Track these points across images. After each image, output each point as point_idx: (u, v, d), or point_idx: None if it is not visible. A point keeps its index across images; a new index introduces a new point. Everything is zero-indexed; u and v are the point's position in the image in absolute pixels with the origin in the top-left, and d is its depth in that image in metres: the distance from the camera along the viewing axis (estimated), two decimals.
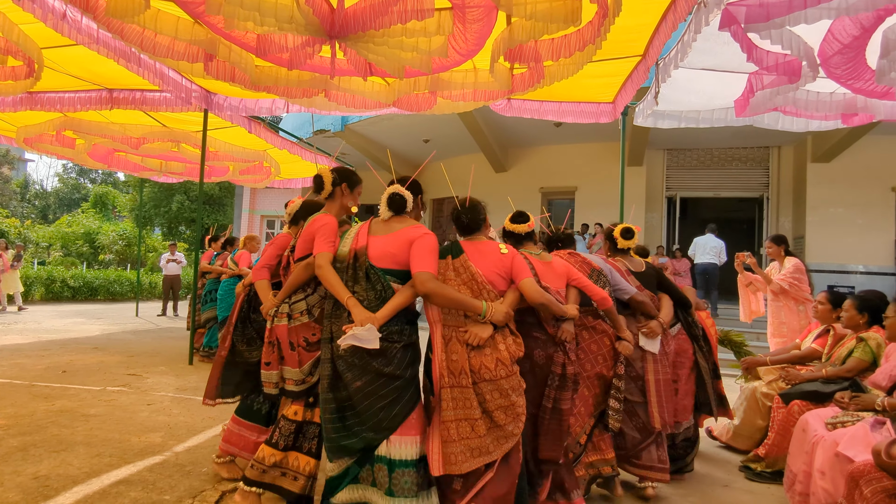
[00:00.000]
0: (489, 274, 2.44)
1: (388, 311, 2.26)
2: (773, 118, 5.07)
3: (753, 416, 3.90)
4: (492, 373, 2.27)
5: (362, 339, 2.18)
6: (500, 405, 2.26)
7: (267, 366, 2.60)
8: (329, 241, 2.44)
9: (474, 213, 2.68)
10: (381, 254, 2.35)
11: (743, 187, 12.25)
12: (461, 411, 2.24)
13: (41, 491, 2.77)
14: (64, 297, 14.37)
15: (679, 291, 3.43)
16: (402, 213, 2.50)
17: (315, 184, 2.72)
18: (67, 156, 8.38)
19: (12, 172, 33.16)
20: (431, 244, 2.33)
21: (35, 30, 4.21)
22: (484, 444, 2.23)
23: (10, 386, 4.91)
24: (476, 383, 2.26)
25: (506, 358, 2.30)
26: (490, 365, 2.27)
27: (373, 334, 2.19)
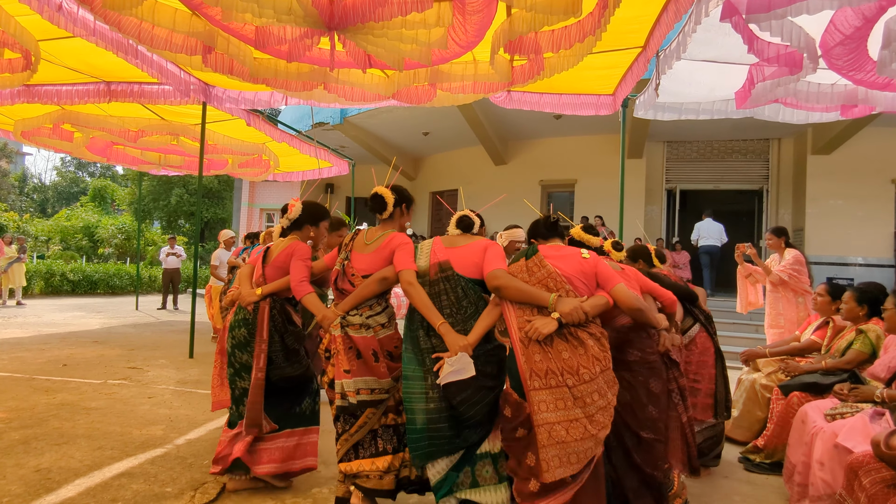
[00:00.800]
0: (569, 276, 2.29)
1: (477, 334, 2.32)
2: (773, 110, 5.05)
3: (753, 408, 3.92)
4: (590, 372, 2.11)
5: (458, 370, 2.24)
6: (600, 406, 2.12)
7: (347, 373, 2.52)
8: (412, 259, 2.52)
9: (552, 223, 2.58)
10: (463, 263, 2.47)
11: (743, 179, 12.24)
12: (552, 414, 2.08)
13: (43, 483, 2.78)
14: (63, 290, 14.37)
15: (681, 287, 3.31)
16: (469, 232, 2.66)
17: (375, 204, 2.72)
18: (65, 149, 8.34)
19: (10, 166, 33.07)
20: (500, 251, 2.47)
21: (31, 22, 4.18)
22: (579, 448, 2.07)
23: (11, 379, 4.92)
24: (574, 386, 2.10)
25: (598, 353, 2.17)
26: (587, 364, 2.12)
27: (466, 362, 2.24)
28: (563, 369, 2.11)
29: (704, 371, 3.28)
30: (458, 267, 2.45)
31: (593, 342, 2.17)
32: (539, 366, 2.12)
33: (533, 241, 2.58)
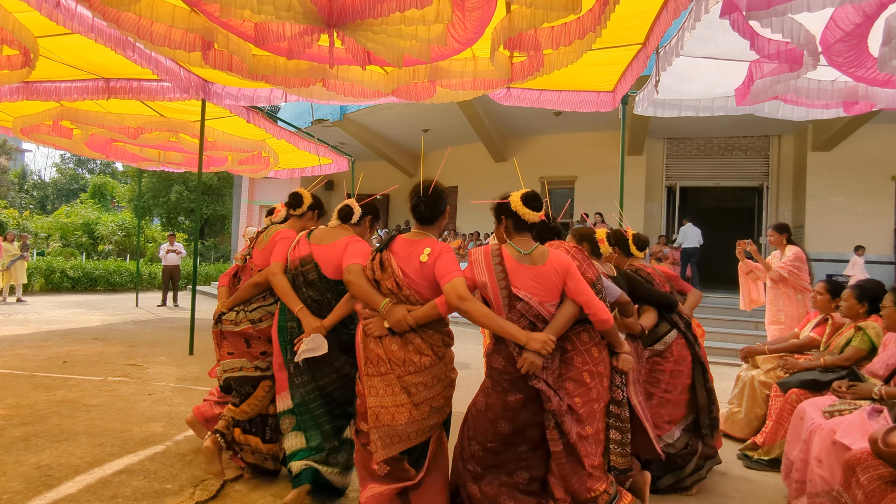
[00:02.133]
0: (410, 277, 2.33)
1: (332, 319, 2.65)
2: (773, 107, 5.04)
3: (751, 405, 3.93)
4: (416, 365, 2.30)
5: (312, 349, 2.57)
6: (426, 397, 2.32)
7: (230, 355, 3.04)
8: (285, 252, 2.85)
9: (435, 202, 2.50)
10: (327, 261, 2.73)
11: (743, 176, 12.24)
12: (381, 399, 2.29)
13: (43, 480, 2.79)
14: (64, 287, 14.38)
15: (658, 293, 3.10)
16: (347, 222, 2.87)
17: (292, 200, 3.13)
18: (65, 146, 8.33)
19: (10, 163, 33.03)
20: (363, 247, 2.65)
21: (30, 18, 4.16)
22: (403, 432, 2.28)
23: (12, 376, 4.93)
24: (401, 376, 2.29)
25: (424, 349, 2.32)
26: (413, 358, 2.31)
27: (319, 342, 2.59)
28: (392, 360, 2.31)
29: (678, 381, 3.08)
30: (321, 263, 2.70)
31: (420, 340, 2.33)
32: (372, 354, 2.33)
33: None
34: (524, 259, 2.29)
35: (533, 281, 2.26)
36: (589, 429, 2.31)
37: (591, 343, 2.39)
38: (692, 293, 3.46)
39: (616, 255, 3.24)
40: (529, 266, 2.28)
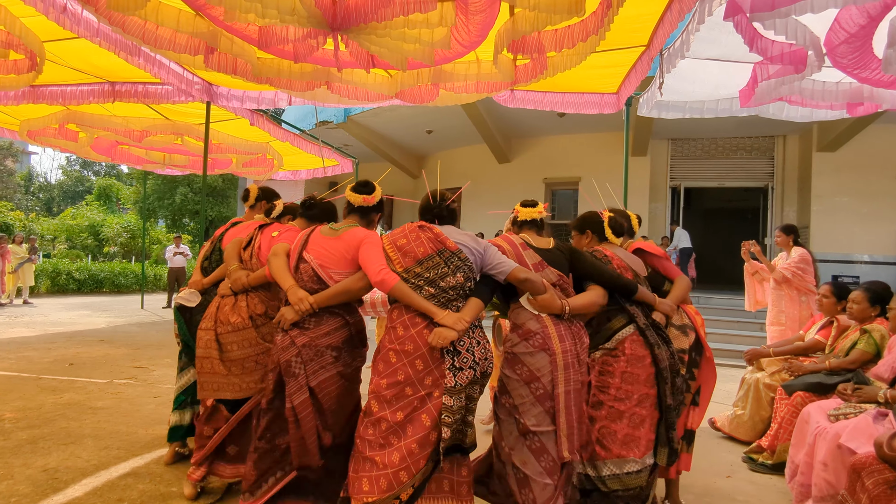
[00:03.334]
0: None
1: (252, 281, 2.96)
2: (778, 108, 5.02)
3: (756, 407, 3.92)
4: (233, 325, 2.85)
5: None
6: (235, 356, 2.84)
7: None
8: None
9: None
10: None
11: (748, 177, 12.19)
12: (201, 350, 2.88)
13: (51, 483, 2.81)
14: (69, 289, 14.46)
15: (605, 270, 2.58)
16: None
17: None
18: (70, 149, 8.37)
19: (16, 165, 33.21)
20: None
21: (36, 23, 4.20)
22: (207, 380, 2.83)
23: (19, 379, 4.96)
24: (221, 333, 2.85)
25: (244, 312, 2.88)
26: (233, 319, 2.86)
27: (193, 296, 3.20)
28: (220, 319, 2.89)
29: (633, 388, 2.47)
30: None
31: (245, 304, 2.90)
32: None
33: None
34: (329, 233, 2.56)
35: (325, 249, 2.49)
36: (400, 414, 2.17)
37: (398, 321, 2.29)
38: (679, 280, 2.88)
39: (588, 239, 2.89)
40: (330, 238, 2.54)
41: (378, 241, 2.43)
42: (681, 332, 2.83)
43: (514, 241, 2.53)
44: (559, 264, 2.51)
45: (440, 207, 2.51)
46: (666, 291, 2.85)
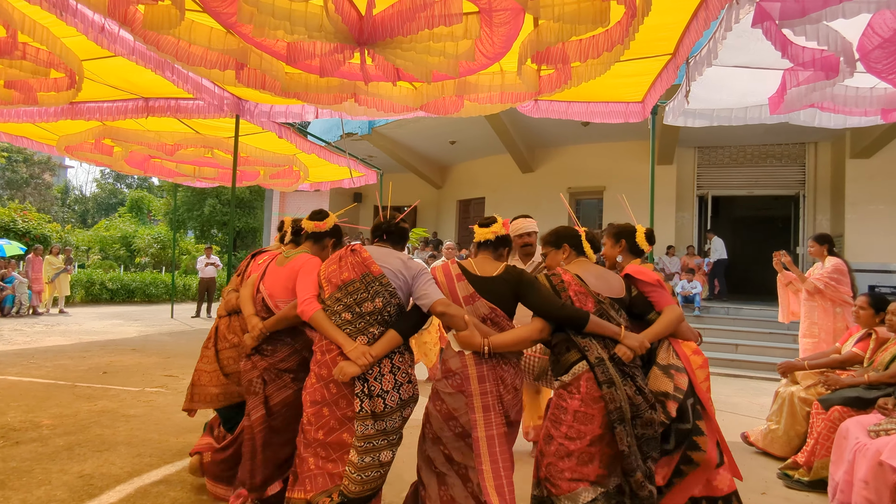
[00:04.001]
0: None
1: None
2: (809, 115, 4.92)
3: (791, 422, 3.81)
4: (230, 342, 3.07)
5: None
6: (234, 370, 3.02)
7: None
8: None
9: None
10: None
11: (778, 185, 11.93)
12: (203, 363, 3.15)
13: (86, 490, 2.88)
14: (103, 299, 14.87)
15: (553, 306, 2.29)
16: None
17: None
18: (106, 163, 8.65)
19: (53, 179, 34.42)
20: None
21: (76, 43, 4.37)
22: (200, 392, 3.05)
23: (55, 386, 5.11)
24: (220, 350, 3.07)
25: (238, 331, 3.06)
26: (230, 337, 3.09)
27: None
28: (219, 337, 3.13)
29: (586, 428, 2.19)
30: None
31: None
32: None
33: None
34: (280, 262, 2.70)
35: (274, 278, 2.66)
36: (321, 433, 2.26)
37: (317, 345, 2.38)
38: (667, 311, 2.50)
39: (566, 254, 2.62)
40: (279, 267, 2.69)
41: (313, 269, 2.51)
42: (663, 372, 2.43)
43: (449, 271, 2.42)
44: (499, 294, 2.35)
45: (389, 225, 2.53)
46: (651, 321, 2.51)
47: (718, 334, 8.56)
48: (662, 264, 10.97)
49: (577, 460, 2.18)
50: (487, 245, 2.50)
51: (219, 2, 3.34)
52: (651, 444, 2.24)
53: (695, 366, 2.47)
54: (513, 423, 2.32)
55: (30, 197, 28.23)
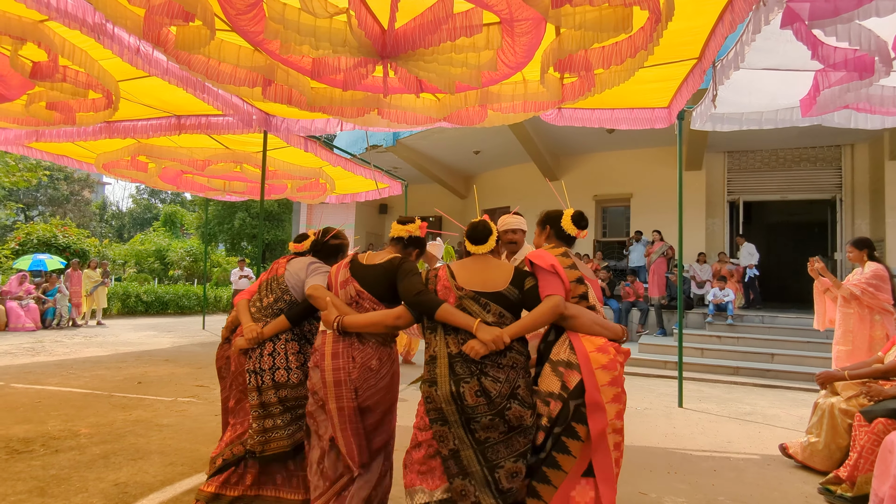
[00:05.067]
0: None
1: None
2: (844, 116, 4.78)
3: (832, 435, 3.66)
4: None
5: None
6: None
7: None
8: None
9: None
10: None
11: (813, 189, 11.58)
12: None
13: (121, 497, 2.94)
14: (138, 311, 15.29)
15: (409, 292, 2.31)
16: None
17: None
18: (140, 179, 8.94)
19: (92, 195, 35.67)
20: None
21: (112, 64, 4.55)
22: None
23: (93, 396, 5.26)
24: None
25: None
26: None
27: None
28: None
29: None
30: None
31: None
32: None
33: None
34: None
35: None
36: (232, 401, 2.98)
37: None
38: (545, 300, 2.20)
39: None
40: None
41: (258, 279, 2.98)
42: (552, 370, 2.19)
43: (341, 263, 2.65)
44: (372, 280, 2.47)
45: (317, 243, 2.93)
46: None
47: (753, 343, 8.32)
48: (693, 272, 10.74)
49: (426, 451, 2.17)
50: (397, 241, 2.64)
51: (246, 20, 3.44)
52: (496, 450, 2.08)
53: (596, 364, 2.11)
54: (365, 406, 2.37)
55: (70, 213, 29.28)
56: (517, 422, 2.09)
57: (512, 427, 2.09)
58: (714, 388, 6.67)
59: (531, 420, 2.12)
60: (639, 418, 5.06)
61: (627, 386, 2.23)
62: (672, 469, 3.72)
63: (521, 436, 2.10)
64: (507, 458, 2.07)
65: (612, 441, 2.10)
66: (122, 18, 3.36)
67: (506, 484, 2.05)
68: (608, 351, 2.14)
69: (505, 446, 2.08)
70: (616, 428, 2.11)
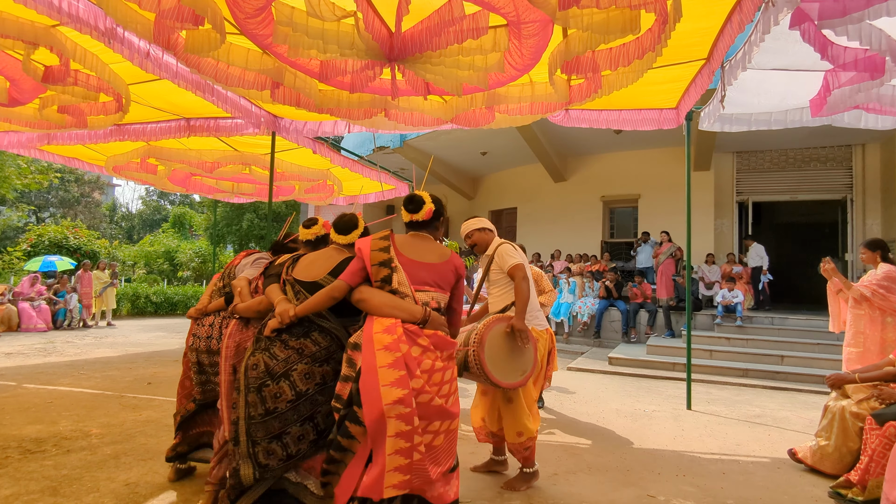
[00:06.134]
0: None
1: None
2: (854, 116, 4.74)
3: (843, 438, 3.63)
4: None
5: None
6: None
7: None
8: None
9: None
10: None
11: (823, 189, 11.49)
12: None
13: (132, 497, 2.97)
14: (147, 311, 15.41)
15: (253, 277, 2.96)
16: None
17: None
18: (150, 181, 9.01)
19: (102, 197, 35.98)
20: None
21: (123, 68, 4.59)
22: None
23: (103, 397, 5.31)
24: None
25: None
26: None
27: None
28: None
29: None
30: None
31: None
32: None
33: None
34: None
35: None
36: None
37: None
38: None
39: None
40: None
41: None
42: (349, 353, 2.25)
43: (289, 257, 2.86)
44: (274, 272, 2.70)
45: (276, 244, 3.32)
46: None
47: (762, 345, 8.26)
48: (702, 273, 10.68)
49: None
50: (307, 244, 2.99)
51: (255, 24, 3.46)
52: (257, 428, 2.23)
53: (378, 345, 2.11)
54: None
55: (80, 215, 29.55)
56: (272, 403, 2.24)
57: (267, 408, 2.23)
58: (723, 390, 6.63)
59: (286, 406, 2.25)
60: (647, 420, 5.04)
61: (636, 388, 2.23)
62: (680, 472, 3.70)
63: (276, 420, 2.24)
64: (264, 438, 2.23)
65: (395, 428, 2.04)
66: (132, 23, 3.39)
67: (262, 459, 2.21)
68: (394, 332, 2.13)
69: (263, 425, 2.24)
70: (401, 413, 2.05)
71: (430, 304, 2.30)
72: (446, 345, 2.24)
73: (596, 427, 4.77)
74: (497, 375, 2.99)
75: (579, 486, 3.37)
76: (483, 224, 3.54)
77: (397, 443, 2.03)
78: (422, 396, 2.11)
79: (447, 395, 2.22)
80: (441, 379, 2.20)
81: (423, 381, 2.12)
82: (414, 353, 2.14)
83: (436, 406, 2.14)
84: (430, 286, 2.35)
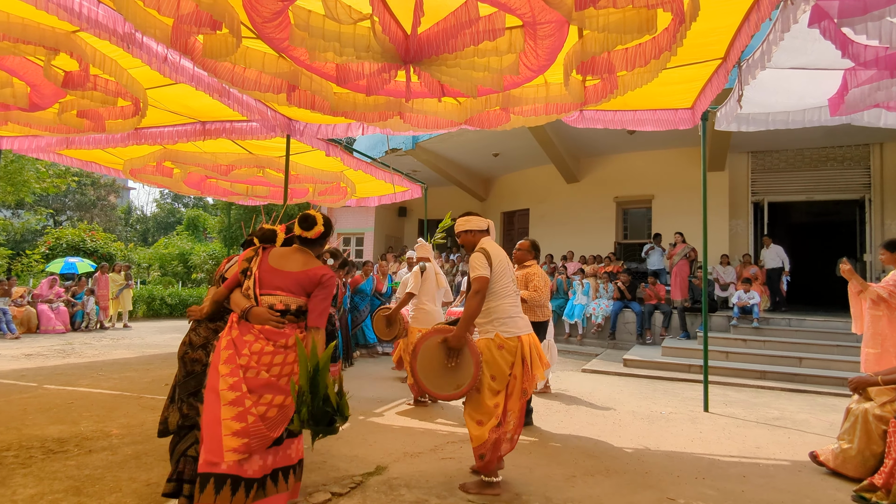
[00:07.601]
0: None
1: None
2: (873, 115, 4.68)
3: (866, 441, 3.57)
4: None
5: None
6: None
7: None
8: None
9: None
10: None
11: (840, 189, 11.33)
12: None
13: (153, 497, 3.00)
14: (162, 313, 15.58)
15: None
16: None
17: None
18: (166, 184, 9.10)
19: (118, 200, 36.44)
20: None
21: (141, 73, 4.66)
22: None
23: (122, 398, 5.37)
24: None
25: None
26: None
27: None
28: None
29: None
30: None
31: None
32: None
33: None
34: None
35: None
36: None
37: None
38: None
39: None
40: None
41: None
42: None
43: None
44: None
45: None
46: None
47: (780, 347, 8.15)
48: (717, 274, 10.58)
49: None
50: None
51: (272, 28, 3.49)
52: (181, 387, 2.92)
53: (224, 333, 2.67)
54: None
55: (97, 218, 29.93)
56: (190, 366, 2.91)
57: (187, 370, 2.90)
58: (740, 392, 6.55)
59: (200, 368, 2.88)
60: (664, 423, 5.00)
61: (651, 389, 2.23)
62: (700, 475, 3.67)
63: (193, 380, 2.89)
64: (183, 393, 2.88)
65: (227, 397, 2.49)
66: (151, 28, 3.44)
67: (184, 410, 2.86)
68: (231, 322, 2.67)
69: (184, 385, 2.89)
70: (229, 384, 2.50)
71: (275, 305, 2.65)
72: (274, 335, 2.62)
73: (612, 429, 4.74)
74: (429, 386, 3.17)
75: (598, 488, 3.35)
76: (470, 226, 3.51)
77: (231, 410, 2.47)
78: (249, 372, 2.54)
79: (278, 376, 2.59)
80: (270, 361, 2.59)
81: (248, 359, 2.55)
82: (246, 339, 2.59)
83: (262, 380, 2.54)
84: (283, 291, 2.69)
